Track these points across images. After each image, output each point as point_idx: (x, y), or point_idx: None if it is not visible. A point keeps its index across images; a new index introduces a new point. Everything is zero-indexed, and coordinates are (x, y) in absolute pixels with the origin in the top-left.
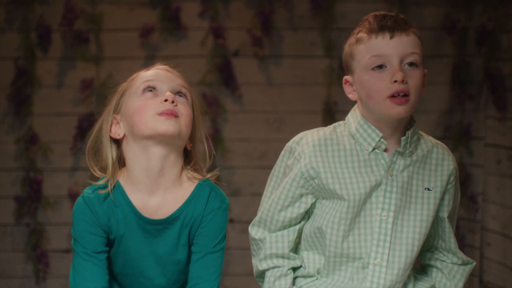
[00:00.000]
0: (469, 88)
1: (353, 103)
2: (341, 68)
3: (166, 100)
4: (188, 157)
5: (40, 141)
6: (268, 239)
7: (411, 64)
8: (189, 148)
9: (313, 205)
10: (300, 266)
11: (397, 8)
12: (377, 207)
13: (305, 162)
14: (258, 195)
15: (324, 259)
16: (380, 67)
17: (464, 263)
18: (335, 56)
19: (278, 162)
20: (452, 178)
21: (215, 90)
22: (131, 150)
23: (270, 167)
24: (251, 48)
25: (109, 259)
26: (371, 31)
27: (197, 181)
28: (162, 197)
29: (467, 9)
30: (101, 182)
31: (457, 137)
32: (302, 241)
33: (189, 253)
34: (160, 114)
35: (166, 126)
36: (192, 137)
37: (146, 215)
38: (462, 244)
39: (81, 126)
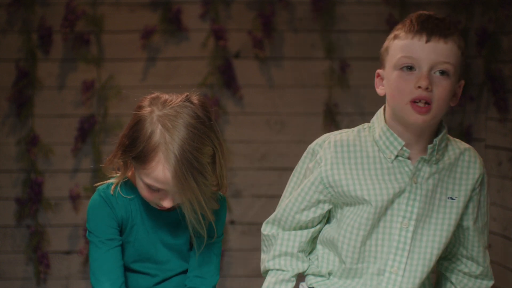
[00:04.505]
0: (469, 89)
1: (353, 105)
2: (342, 70)
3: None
4: None
5: (41, 142)
6: (280, 236)
7: (442, 72)
8: None
9: (328, 212)
10: (307, 269)
11: (397, 9)
12: (398, 214)
13: (325, 167)
14: (259, 196)
15: (339, 266)
16: (410, 68)
17: (484, 276)
18: (336, 58)
19: (300, 163)
20: (477, 185)
21: (216, 92)
22: None
23: (271, 169)
24: (252, 50)
25: (122, 250)
26: (410, 30)
27: None
28: None
29: (468, 10)
30: (112, 180)
31: (458, 138)
32: (318, 239)
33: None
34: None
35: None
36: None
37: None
38: None
39: (82, 127)
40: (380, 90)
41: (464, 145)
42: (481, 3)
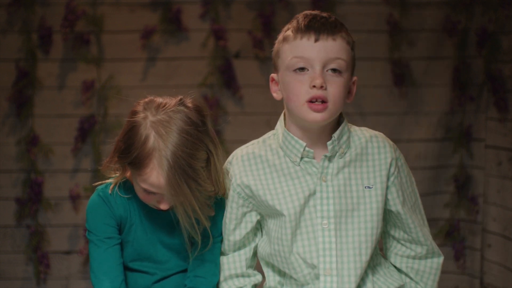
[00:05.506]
0: (469, 89)
1: (352, 105)
2: None
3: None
4: None
5: (41, 142)
6: (225, 261)
7: (334, 70)
8: None
9: (259, 222)
10: (261, 279)
11: (397, 9)
12: (316, 216)
13: (237, 182)
14: None
15: (285, 278)
16: (302, 69)
17: (431, 254)
18: None
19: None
20: (393, 169)
21: (216, 92)
22: None
23: None
24: (252, 50)
25: (121, 248)
26: (297, 31)
27: None
28: None
29: (468, 10)
30: (111, 180)
31: (457, 138)
32: (258, 256)
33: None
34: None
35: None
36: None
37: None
38: (463, 246)
39: (82, 127)
40: (276, 95)
41: (370, 132)
42: (481, 3)
